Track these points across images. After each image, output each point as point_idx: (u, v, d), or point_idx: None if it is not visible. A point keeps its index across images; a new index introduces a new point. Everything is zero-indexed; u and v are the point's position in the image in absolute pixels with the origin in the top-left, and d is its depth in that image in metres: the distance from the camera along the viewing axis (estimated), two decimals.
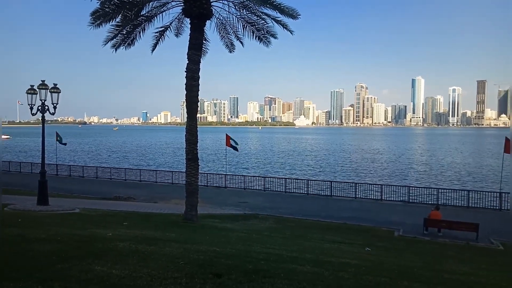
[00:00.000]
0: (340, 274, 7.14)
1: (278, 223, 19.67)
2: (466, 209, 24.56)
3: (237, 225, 17.73)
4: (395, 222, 20.94)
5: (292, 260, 8.40)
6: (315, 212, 23.28)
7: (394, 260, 10.83)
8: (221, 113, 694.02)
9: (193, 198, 17.29)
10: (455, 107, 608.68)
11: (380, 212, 23.82)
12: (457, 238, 17.86)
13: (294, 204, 26.15)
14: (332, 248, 11.88)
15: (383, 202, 27.00)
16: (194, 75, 17.57)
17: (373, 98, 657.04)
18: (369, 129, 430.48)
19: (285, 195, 29.79)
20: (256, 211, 23.23)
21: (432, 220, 18.77)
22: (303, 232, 16.73)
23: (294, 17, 18.32)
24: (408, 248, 14.88)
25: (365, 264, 8.85)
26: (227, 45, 21.14)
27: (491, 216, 22.61)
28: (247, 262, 7.33)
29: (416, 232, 18.75)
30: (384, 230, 19.26)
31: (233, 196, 28.79)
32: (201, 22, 17.80)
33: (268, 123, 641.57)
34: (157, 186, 33.83)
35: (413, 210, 23.66)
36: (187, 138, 17.56)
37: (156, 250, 8.18)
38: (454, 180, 46.28)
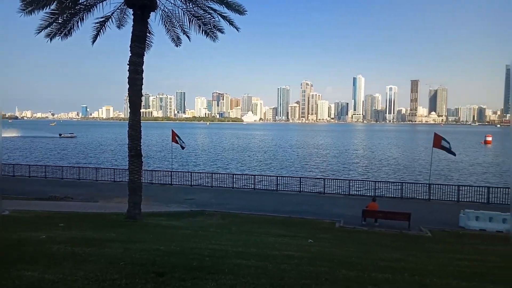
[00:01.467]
0: (283, 266, 7.35)
1: (225, 219, 19.71)
2: (400, 200, 26.42)
3: (183, 223, 17.47)
4: (336, 214, 21.95)
5: (237, 255, 8.48)
6: (261, 207, 23.65)
7: (334, 250, 11.36)
8: (167, 108, 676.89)
9: (136, 196, 16.75)
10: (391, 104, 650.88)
11: (323, 205, 24.81)
12: (392, 227, 19.18)
13: (242, 200, 26.34)
14: (277, 242, 12.15)
15: (326, 195, 28.13)
16: (138, 68, 16.97)
17: (317, 95, 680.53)
18: (314, 125, 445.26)
19: (233, 190, 29.88)
20: (203, 207, 23.07)
21: (369, 211, 19.96)
22: (249, 227, 16.94)
23: (241, 13, 18.34)
24: (348, 239, 15.69)
25: (307, 256, 9.19)
26: (173, 38, 20.64)
27: (421, 206, 24.52)
28: (192, 259, 7.27)
29: (355, 223, 19.81)
30: (327, 222, 20.10)
31: (180, 193, 28.30)
32: (145, 14, 17.20)
33: (216, 118, 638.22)
34: (97, 184, 32.19)
35: (353, 202, 24.92)
36: (130, 134, 16.94)
37: (94, 251, 7.81)
38: (390, 173, 49.51)
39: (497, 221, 19.63)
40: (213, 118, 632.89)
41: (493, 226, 19.54)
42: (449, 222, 20.50)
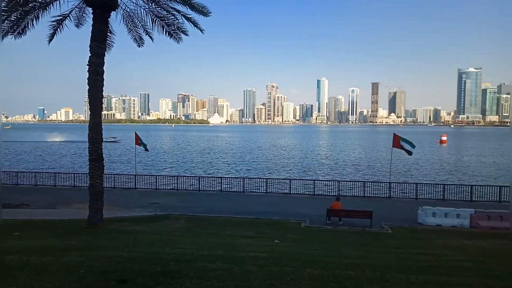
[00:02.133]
0: (249, 268, 7.37)
1: (191, 222, 19.47)
2: (362, 198, 27.29)
3: (147, 227, 17.07)
4: (302, 214, 22.31)
5: (203, 258, 8.40)
6: (228, 209, 23.58)
7: (300, 250, 11.55)
8: (130, 110, 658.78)
9: (97, 201, 16.16)
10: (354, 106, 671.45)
11: (289, 206, 25.14)
12: (355, 225, 19.78)
13: (208, 202, 26.13)
14: (243, 243, 12.18)
15: (292, 196, 28.53)
16: (98, 69, 16.40)
17: (283, 97, 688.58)
18: (280, 127, 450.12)
19: (199, 193, 29.58)
20: (168, 211, 22.66)
21: (333, 210, 20.47)
22: (215, 229, 16.84)
23: (205, 14, 18.20)
24: (313, 238, 16.00)
25: (273, 256, 9.28)
26: (135, 39, 20.13)
27: (382, 204, 25.46)
28: (156, 265, 7.12)
29: (320, 222, 20.24)
30: (293, 222, 20.38)
31: (144, 197, 27.63)
32: (105, 13, 16.66)
33: (182, 120, 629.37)
34: (56, 190, 30.73)
35: (318, 202, 25.42)
36: (90, 137, 16.34)
37: (52, 260, 7.46)
38: (353, 173, 51.01)
39: (452, 217, 20.77)
40: (178, 120, 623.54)
41: (448, 221, 20.65)
42: (408, 219, 21.43)
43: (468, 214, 20.61)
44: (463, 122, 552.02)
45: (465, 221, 20.51)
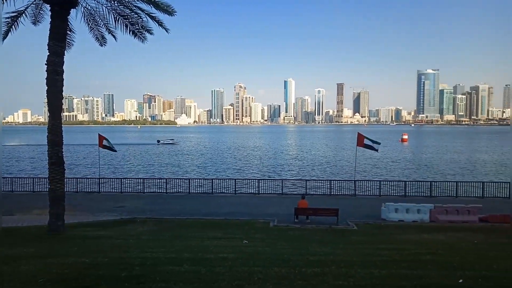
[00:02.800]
0: (217, 269, 7.35)
1: (158, 225, 19.10)
2: (329, 196, 27.89)
3: (112, 232, 16.56)
4: (271, 213, 22.47)
5: (169, 261, 8.28)
6: (196, 211, 23.35)
7: (268, 249, 11.65)
8: (93, 111, 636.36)
9: (58, 206, 15.51)
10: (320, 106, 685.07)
11: (258, 206, 25.24)
12: (322, 223, 20.18)
13: (176, 205, 25.73)
14: (212, 245, 12.12)
15: (261, 196, 28.66)
16: (57, 68, 15.75)
17: (251, 97, 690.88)
18: (248, 127, 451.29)
19: (166, 196, 29.05)
20: (134, 215, 22.09)
21: (301, 209, 20.78)
22: (184, 232, 16.63)
23: (170, 14, 17.92)
24: (281, 237, 16.16)
25: (241, 257, 9.30)
26: (97, 37, 19.47)
27: (348, 202, 26.13)
28: (121, 270, 6.94)
29: (288, 221, 20.48)
30: (261, 222, 20.48)
31: (108, 201, 26.76)
32: (64, 10, 16.02)
33: (148, 121, 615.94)
34: (13, 196, 29.09)
35: (287, 201, 25.69)
36: (49, 140, 15.65)
37: (9, 270, 7.08)
38: (320, 172, 52.04)
39: (413, 212, 21.67)
40: (144, 121, 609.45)
41: (410, 216, 21.53)
42: (372, 215, 22.14)
43: (427, 209, 21.58)
44: (423, 121, 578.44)
45: (425, 216, 21.46)
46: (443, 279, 7.60)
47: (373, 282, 6.94)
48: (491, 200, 25.85)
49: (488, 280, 7.54)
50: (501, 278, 7.89)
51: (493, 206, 23.18)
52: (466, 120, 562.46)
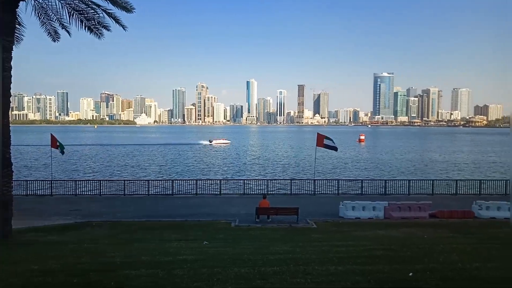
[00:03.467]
0: (175, 271, 7.26)
1: (115, 228, 18.49)
2: (289, 196, 28.37)
3: (65, 237, 15.82)
4: (232, 214, 22.49)
5: (126, 266, 8.06)
6: (156, 213, 22.87)
7: (229, 250, 11.65)
8: (46, 110, 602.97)
9: (6, 211, 14.57)
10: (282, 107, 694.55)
11: (219, 206, 25.16)
12: (282, 222, 20.49)
13: (134, 207, 25.04)
14: (171, 247, 11.93)
15: (223, 196, 28.59)
16: (5, 64, 14.80)
17: (213, 97, 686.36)
18: (211, 127, 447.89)
19: (124, 198, 28.16)
20: (90, 218, 21.23)
21: (262, 209, 20.98)
22: (142, 234, 16.22)
23: (128, 10, 17.44)
24: (243, 237, 16.24)
25: (201, 258, 9.25)
26: (49, 32, 18.50)
27: (307, 200, 26.76)
28: (73, 276, 6.66)
29: (250, 221, 20.61)
30: (223, 222, 20.45)
31: (62, 205, 25.51)
32: (12, 3, 15.09)
33: (106, 121, 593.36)
34: None
35: (248, 201, 25.79)
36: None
37: None
38: (280, 171, 52.79)
39: (369, 210, 22.57)
40: (102, 121, 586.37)
41: (366, 214, 22.40)
42: (331, 213, 22.81)
43: (382, 206, 22.57)
44: (378, 122, 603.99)
45: (380, 213, 22.43)
46: (394, 273, 8.01)
47: (329, 278, 7.17)
48: (440, 197, 27.51)
49: (435, 272, 8.03)
50: (447, 270, 8.44)
51: (442, 203, 24.71)
52: (418, 121, 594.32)
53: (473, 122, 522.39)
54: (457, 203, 24.93)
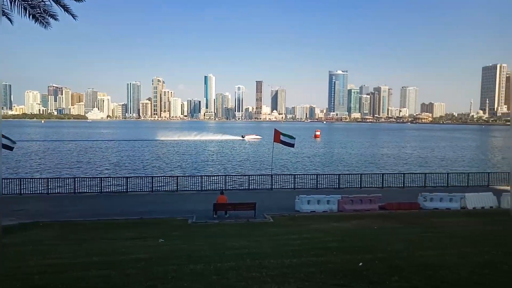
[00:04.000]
0: (128, 271, 7.08)
1: (65, 228, 17.61)
2: (247, 191, 28.57)
3: (9, 239, 14.80)
4: (189, 210, 22.22)
5: (76, 267, 7.72)
6: (109, 211, 22.05)
7: (185, 246, 11.54)
8: None
9: None
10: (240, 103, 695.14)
11: (176, 203, 24.78)
12: (240, 217, 20.61)
13: (86, 205, 23.98)
14: (125, 246, 11.59)
15: (179, 193, 28.15)
16: None
17: (170, 92, 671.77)
18: (167, 123, 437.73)
19: (75, 196, 26.87)
20: (37, 218, 20.02)
21: (219, 205, 20.96)
22: (93, 234, 15.59)
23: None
24: (200, 233, 16.14)
25: (156, 256, 9.07)
26: None
27: (265, 195, 27.08)
28: (16, 281, 6.27)
29: (207, 217, 20.50)
30: (179, 219, 20.17)
31: (5, 204, 23.79)
32: None
33: (54, 115, 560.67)
34: None
35: (206, 197, 25.61)
36: None
37: None
38: (238, 167, 52.92)
39: (323, 203, 23.31)
40: (50, 115, 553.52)
41: (321, 207, 23.12)
42: (287, 207, 23.27)
43: (336, 200, 23.41)
44: (333, 118, 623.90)
45: (334, 206, 23.25)
46: (345, 263, 8.36)
47: (283, 271, 7.34)
48: (389, 190, 29.01)
49: (382, 261, 8.50)
50: (393, 259, 8.95)
51: (391, 195, 26.08)
52: (370, 118, 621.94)
53: (420, 118, 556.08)
54: (405, 195, 26.45)
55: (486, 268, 7.68)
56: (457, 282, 6.62)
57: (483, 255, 9.15)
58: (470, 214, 21.85)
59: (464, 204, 24.05)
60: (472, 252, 9.67)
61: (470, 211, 22.98)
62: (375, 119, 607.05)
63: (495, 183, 31.60)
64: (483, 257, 8.94)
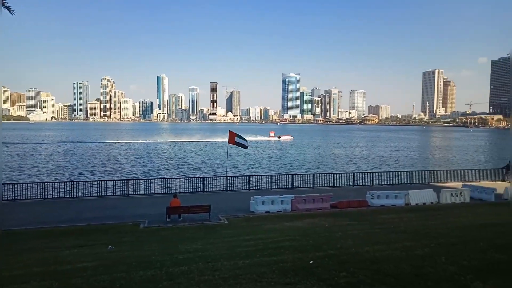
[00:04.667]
0: (73, 281, 6.72)
1: (3, 239, 16.26)
2: (202, 193, 28.24)
3: None
4: (141, 215, 21.53)
5: (13, 280, 7.19)
6: (54, 218, 20.74)
7: (135, 252, 11.15)
8: None
9: None
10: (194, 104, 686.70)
11: (127, 207, 23.88)
12: (194, 220, 20.32)
13: (26, 213, 22.33)
14: (71, 254, 10.96)
15: (130, 197, 27.16)
16: None
17: (120, 92, 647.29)
18: (118, 124, 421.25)
19: (15, 203, 24.93)
20: None
21: (172, 208, 20.52)
22: (35, 243, 14.58)
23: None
24: (152, 238, 15.67)
25: (104, 264, 8.69)
26: None
27: (220, 197, 26.96)
28: None
29: (160, 221, 19.97)
30: (130, 224, 19.45)
31: None
32: None
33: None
34: None
35: (159, 201, 24.94)
36: None
37: None
38: (193, 169, 52.22)
39: (278, 203, 23.67)
40: None
41: (275, 207, 23.44)
42: (243, 208, 23.34)
43: (289, 200, 23.86)
44: (287, 120, 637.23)
45: (287, 206, 23.69)
46: (297, 261, 8.56)
47: (236, 272, 7.35)
48: (340, 189, 30.12)
49: (332, 258, 8.80)
50: (342, 255, 9.31)
51: (341, 194, 27.11)
52: (321, 120, 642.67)
53: (367, 120, 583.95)
54: (354, 193, 27.64)
55: (425, 260, 8.23)
56: (399, 275, 7.03)
57: (423, 248, 9.79)
58: (413, 210, 23.28)
59: (408, 201, 25.59)
60: (414, 246, 10.31)
61: (413, 207, 24.49)
62: (326, 121, 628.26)
63: (435, 180, 33.99)
64: (423, 250, 9.57)
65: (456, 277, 6.78)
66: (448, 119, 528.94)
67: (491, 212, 21.29)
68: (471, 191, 27.61)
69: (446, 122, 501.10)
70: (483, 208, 23.47)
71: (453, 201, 26.25)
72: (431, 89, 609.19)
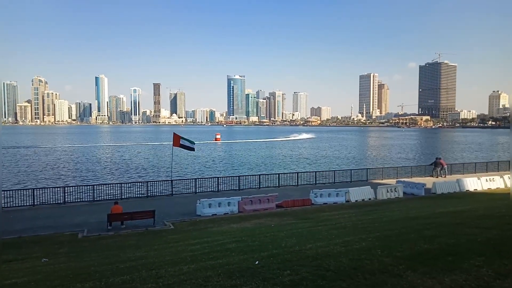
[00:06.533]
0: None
1: None
2: (146, 199, 27.32)
3: None
4: (79, 223, 20.35)
5: None
6: None
7: (72, 264, 10.49)
8: None
9: None
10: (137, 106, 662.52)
11: (63, 216, 22.38)
12: (138, 226, 19.61)
13: None
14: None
15: (67, 205, 25.50)
16: None
17: (54, 94, 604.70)
18: (52, 128, 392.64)
19: None
20: None
21: (113, 215, 19.61)
22: None
23: None
24: (91, 248, 14.85)
25: (36, 279, 8.07)
26: None
27: (165, 202, 26.28)
28: None
29: (101, 230, 19.01)
30: (67, 234, 18.29)
31: None
32: None
33: None
34: None
35: (99, 208, 23.75)
36: None
37: None
38: (135, 174, 50.29)
39: (224, 205, 23.63)
40: None
41: (222, 210, 23.38)
42: (189, 212, 22.99)
43: (236, 201, 23.95)
44: (233, 121, 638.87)
45: (234, 208, 23.75)
46: (243, 263, 8.62)
47: (181, 278, 7.22)
48: (285, 188, 30.86)
49: (276, 257, 8.99)
50: (286, 254, 9.54)
51: (286, 193, 27.80)
52: (266, 121, 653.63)
53: (310, 121, 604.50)
54: (299, 193, 28.50)
55: (362, 254, 8.72)
56: (339, 269, 7.38)
57: (361, 242, 10.37)
58: (353, 206, 24.57)
59: (348, 198, 26.94)
60: (353, 240, 10.88)
61: (353, 204, 25.84)
62: (271, 122, 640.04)
63: (372, 178, 36.15)
64: (361, 244, 10.13)
65: (390, 268, 7.28)
66: (383, 120, 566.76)
67: (421, 205, 23.14)
68: (404, 186, 29.77)
69: (381, 122, 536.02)
70: (414, 202, 25.43)
71: (388, 196, 28.11)
72: (367, 92, 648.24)
